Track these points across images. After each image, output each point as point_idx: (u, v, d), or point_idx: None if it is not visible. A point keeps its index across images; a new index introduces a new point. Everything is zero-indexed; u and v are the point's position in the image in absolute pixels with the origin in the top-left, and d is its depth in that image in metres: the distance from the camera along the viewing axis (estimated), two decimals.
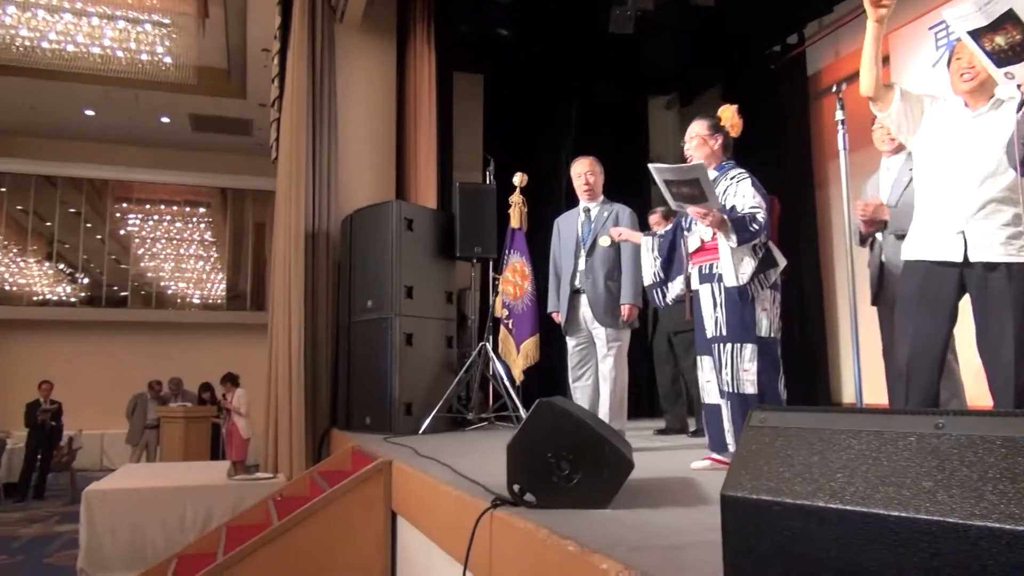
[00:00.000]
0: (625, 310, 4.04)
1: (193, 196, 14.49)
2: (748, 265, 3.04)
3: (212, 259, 14.65)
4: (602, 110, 8.03)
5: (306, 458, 6.19)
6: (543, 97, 8.02)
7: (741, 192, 3.11)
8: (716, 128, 3.28)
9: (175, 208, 14.59)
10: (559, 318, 4.30)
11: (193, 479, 6.29)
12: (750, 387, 3.04)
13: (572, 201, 5.39)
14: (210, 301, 14.33)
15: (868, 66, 2.70)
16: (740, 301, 3.04)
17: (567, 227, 4.32)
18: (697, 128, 3.29)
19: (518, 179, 5.61)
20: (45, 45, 8.69)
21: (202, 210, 14.81)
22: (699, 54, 8.01)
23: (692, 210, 3.03)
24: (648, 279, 3.56)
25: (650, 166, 2.99)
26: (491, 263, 6.10)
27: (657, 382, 5.51)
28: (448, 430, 5.70)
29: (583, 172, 4.24)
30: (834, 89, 2.88)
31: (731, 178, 3.18)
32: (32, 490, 9.43)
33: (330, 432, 6.48)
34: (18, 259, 13.40)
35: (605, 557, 1.66)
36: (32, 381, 10.53)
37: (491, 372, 5.76)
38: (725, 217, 2.98)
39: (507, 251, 5.69)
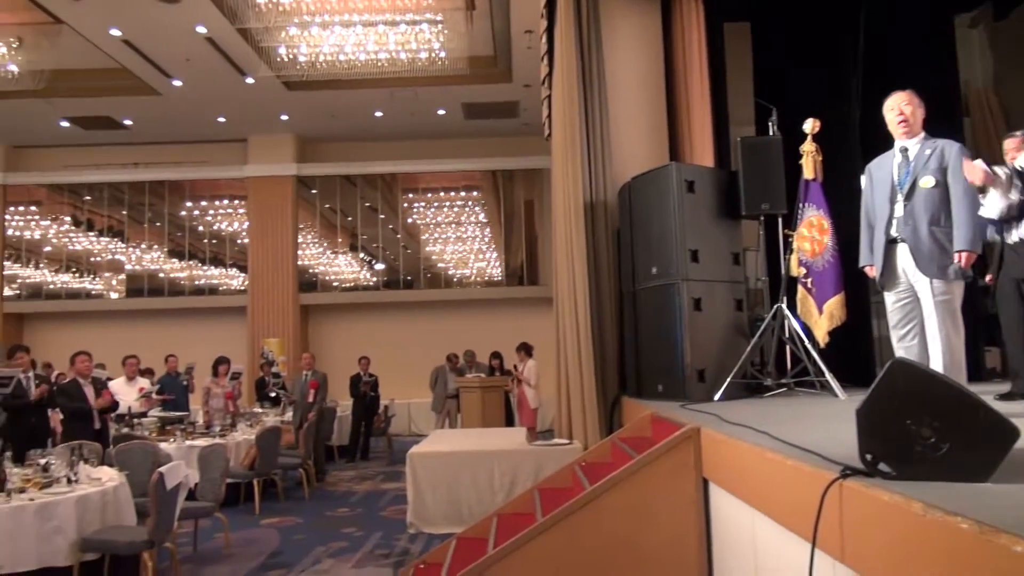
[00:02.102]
0: (961, 258, 3.53)
1: (467, 181, 15.48)
2: None
3: (487, 239, 15.55)
4: (895, 39, 7.12)
5: (600, 425, 6.33)
6: (822, 35, 7.31)
7: None
8: None
9: (452, 194, 15.68)
10: (873, 272, 3.89)
11: (497, 444, 6.74)
12: None
13: (868, 145, 4.87)
14: (488, 279, 15.25)
15: None
16: None
17: (880, 171, 3.87)
18: None
19: (809, 126, 5.17)
20: (342, 58, 9.75)
21: (476, 193, 15.75)
22: None
23: None
24: (995, 212, 3.05)
25: None
26: (780, 219, 5.72)
27: (1004, 338, 4.75)
28: (744, 397, 5.47)
29: (898, 105, 3.75)
30: None
31: None
32: (359, 452, 10.78)
33: (620, 399, 6.56)
34: (328, 251, 15.30)
35: (1017, 538, 1.44)
36: (349, 357, 12.03)
37: (787, 335, 5.42)
38: None
39: (801, 205, 5.30)
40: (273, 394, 11.10)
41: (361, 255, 15.40)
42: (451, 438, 7.64)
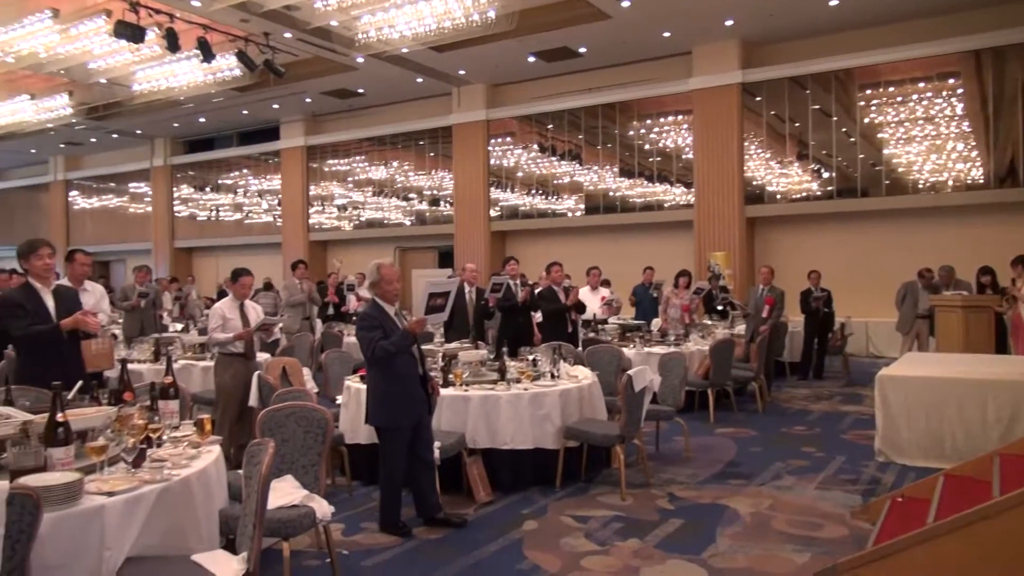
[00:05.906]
0: None
1: (940, 68, 13.17)
2: None
3: (967, 133, 13.15)
4: None
5: None
6: None
7: None
8: None
9: (920, 85, 13.52)
10: None
11: (992, 372, 5.75)
12: None
13: None
14: (969, 180, 12.95)
15: None
16: None
17: None
18: None
19: None
20: None
21: (951, 81, 13.34)
22: None
23: None
24: None
25: None
26: None
27: None
28: None
29: None
30: None
31: None
32: (812, 370, 10.26)
33: None
34: (771, 161, 14.52)
35: None
36: (797, 271, 11.42)
37: None
38: None
39: None
40: (720, 307, 11.13)
41: (810, 164, 14.34)
42: (928, 362, 6.74)
